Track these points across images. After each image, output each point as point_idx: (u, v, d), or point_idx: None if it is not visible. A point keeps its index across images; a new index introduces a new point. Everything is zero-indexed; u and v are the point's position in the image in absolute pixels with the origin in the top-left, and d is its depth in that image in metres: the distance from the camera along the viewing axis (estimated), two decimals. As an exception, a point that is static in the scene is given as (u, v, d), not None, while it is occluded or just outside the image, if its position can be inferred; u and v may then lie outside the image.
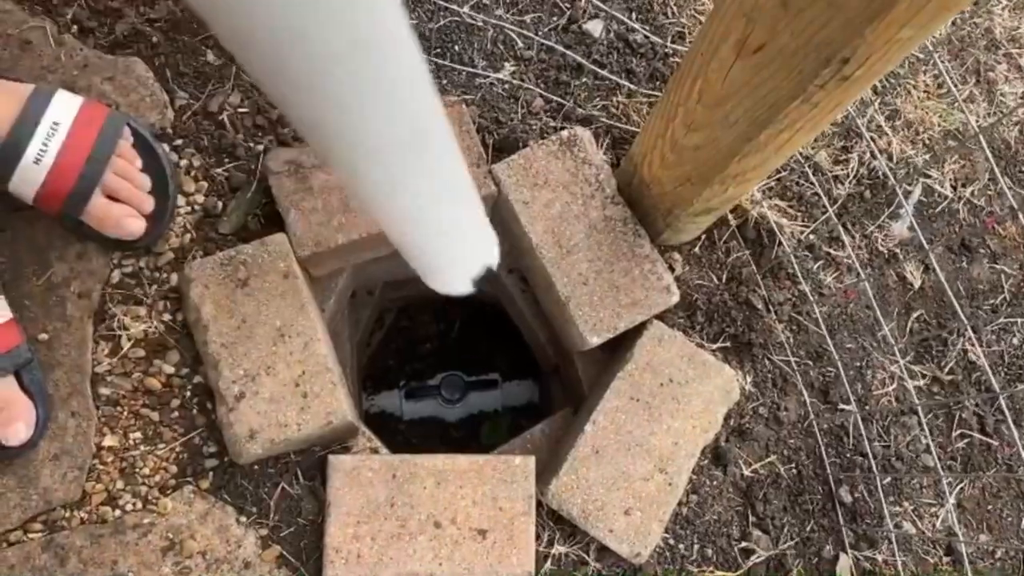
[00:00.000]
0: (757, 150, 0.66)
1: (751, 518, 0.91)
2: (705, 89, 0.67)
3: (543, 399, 1.44)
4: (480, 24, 1.02)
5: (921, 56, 1.08)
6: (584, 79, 1.01)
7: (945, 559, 0.94)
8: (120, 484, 0.83)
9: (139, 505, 0.83)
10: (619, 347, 0.94)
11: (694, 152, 0.75)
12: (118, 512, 0.83)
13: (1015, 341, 1.02)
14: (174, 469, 0.84)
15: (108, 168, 0.81)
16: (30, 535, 0.81)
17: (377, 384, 1.45)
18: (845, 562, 0.92)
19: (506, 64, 1.01)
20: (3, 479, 0.81)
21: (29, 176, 0.78)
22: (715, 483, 0.92)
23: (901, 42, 0.49)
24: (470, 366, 1.48)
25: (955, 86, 1.08)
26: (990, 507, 0.97)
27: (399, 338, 1.49)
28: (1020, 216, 1.04)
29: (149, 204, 0.85)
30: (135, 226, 0.83)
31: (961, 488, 0.96)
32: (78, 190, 0.80)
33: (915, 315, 1.00)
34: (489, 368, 1.48)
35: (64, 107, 0.80)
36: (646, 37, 1.04)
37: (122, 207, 0.83)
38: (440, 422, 1.46)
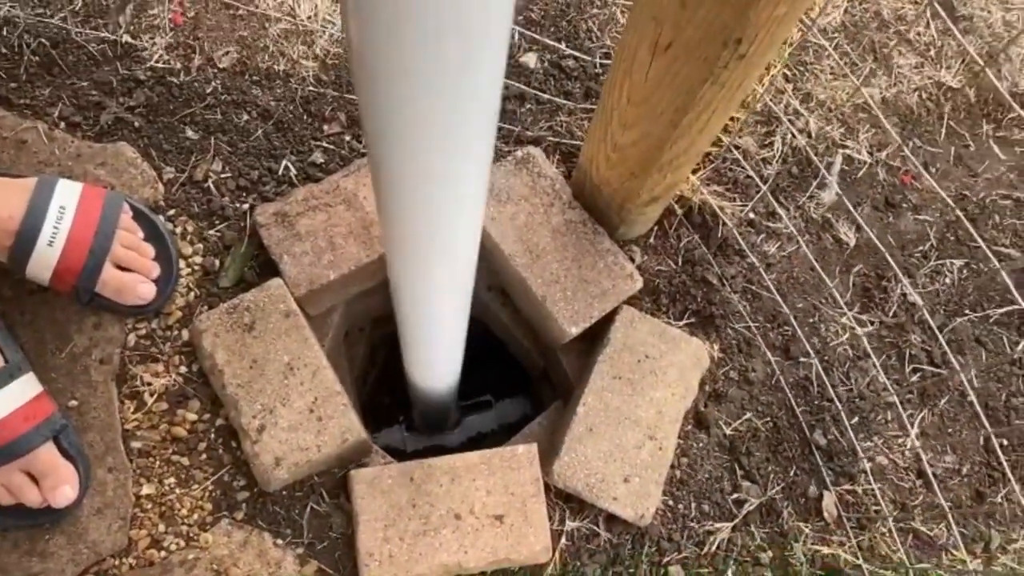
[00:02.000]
0: (683, 135, 0.77)
1: (739, 471, 1.00)
2: (632, 90, 0.78)
3: (535, 410, 1.52)
4: (427, 70, 1.12)
5: (822, 43, 1.21)
6: (528, 105, 1.13)
7: (918, 482, 1.03)
8: (162, 527, 0.90)
9: (182, 544, 0.90)
10: (596, 336, 1.04)
11: (632, 148, 0.85)
12: (163, 553, 0.89)
13: (947, 281, 1.13)
14: (209, 506, 0.92)
15: (115, 241, 0.90)
16: (85, 587, 0.87)
17: (378, 422, 1.52)
18: (830, 498, 1.01)
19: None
20: (54, 538, 0.88)
21: (44, 258, 0.87)
22: (701, 445, 1.01)
23: (779, 18, 0.60)
24: (463, 391, 1.56)
25: (855, 65, 1.20)
26: (950, 430, 1.07)
27: (393, 375, 1.56)
28: (931, 169, 1.16)
29: (155, 270, 0.94)
30: (147, 291, 0.92)
31: (922, 417, 1.06)
32: (90, 264, 0.88)
33: (855, 270, 1.11)
34: (482, 391, 1.56)
35: (67, 193, 0.89)
36: (576, 61, 1.15)
37: (133, 275, 0.91)
38: (443, 449, 1.53)
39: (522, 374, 1.53)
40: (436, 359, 0.91)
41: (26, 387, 0.87)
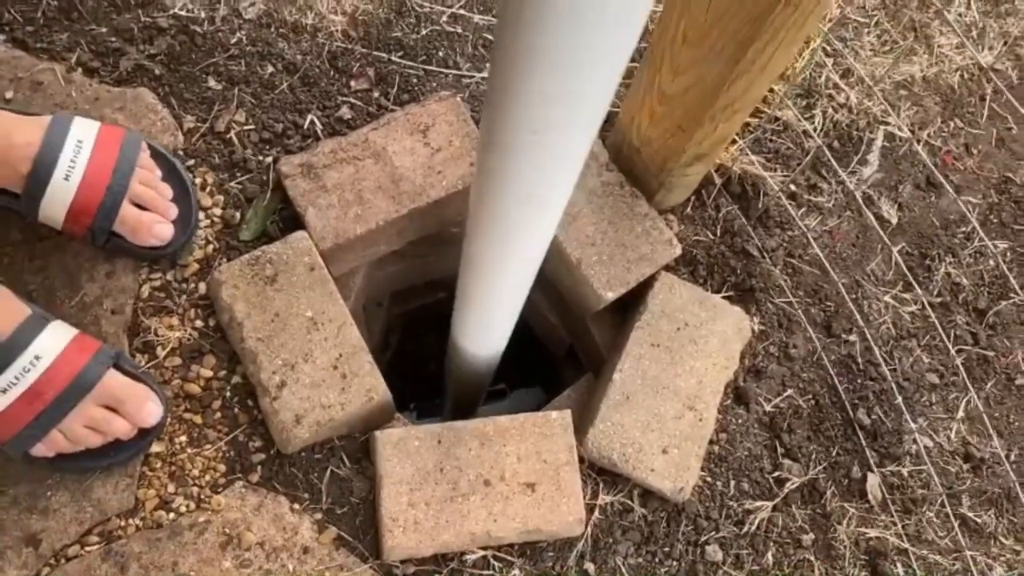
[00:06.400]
0: (744, 73, 0.73)
1: (779, 449, 0.96)
2: (689, 26, 0.74)
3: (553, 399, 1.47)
4: (460, 32, 1.09)
5: (863, 20, 1.18)
6: (561, 70, 1.09)
7: (965, 466, 0.99)
8: (171, 488, 0.85)
9: (192, 506, 0.84)
10: (630, 305, 0.99)
11: (683, 96, 0.81)
12: (172, 515, 0.84)
13: (991, 263, 1.09)
14: (223, 468, 0.86)
15: (133, 178, 0.85)
16: (87, 548, 0.82)
17: (388, 408, 1.46)
18: (874, 480, 0.96)
19: (488, 64, 1.08)
20: (56, 495, 0.83)
21: (60, 193, 0.82)
22: (741, 421, 0.96)
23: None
24: (477, 379, 1.51)
25: (895, 42, 1.17)
26: (996, 414, 1.02)
27: (405, 361, 1.52)
28: (973, 151, 1.12)
29: (174, 210, 0.89)
30: (165, 231, 0.87)
31: (968, 400, 1.02)
32: (108, 201, 0.84)
33: (897, 248, 1.07)
34: (496, 379, 1.51)
35: (85, 128, 0.85)
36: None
37: (151, 214, 0.86)
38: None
39: (538, 363, 1.48)
40: (496, 319, 0.86)
41: (64, 327, 0.81)
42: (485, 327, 0.89)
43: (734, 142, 1.05)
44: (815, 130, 1.09)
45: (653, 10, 1.10)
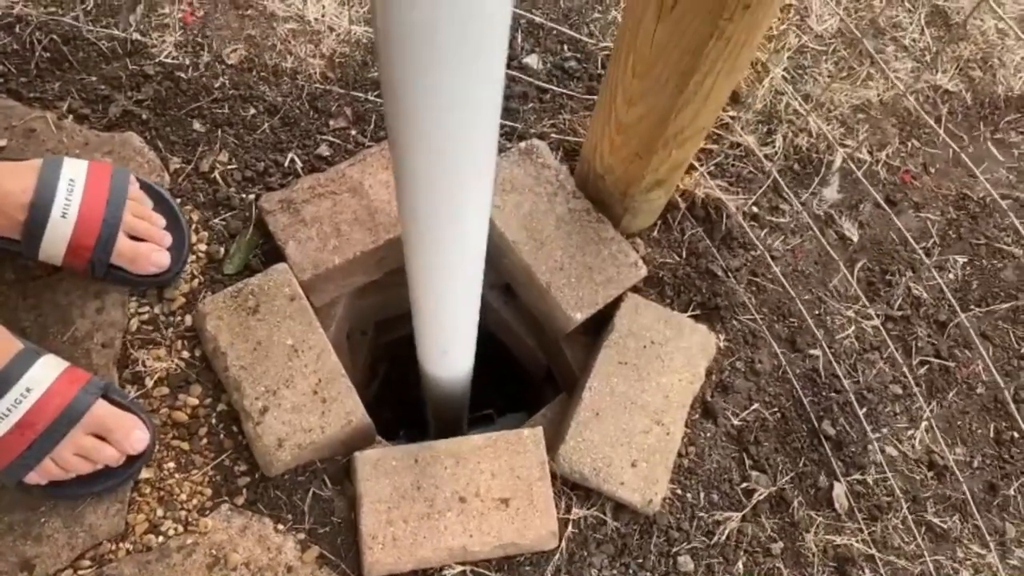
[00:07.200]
0: (689, 102, 0.78)
1: (747, 461, 0.99)
2: (637, 61, 0.79)
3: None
4: (432, 70, 1.14)
5: (820, 48, 1.23)
6: (531, 104, 1.14)
7: (929, 473, 1.02)
8: (160, 512, 0.88)
9: (180, 529, 0.88)
10: (600, 328, 1.03)
11: (637, 125, 0.86)
12: (161, 538, 0.87)
13: (951, 276, 1.14)
14: (209, 491, 0.90)
15: (125, 211, 0.90)
16: (80, 572, 0.85)
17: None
18: (840, 489, 0.99)
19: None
20: (50, 521, 0.86)
21: (59, 231, 0.87)
22: (709, 435, 0.99)
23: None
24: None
25: (852, 68, 1.22)
26: (959, 423, 1.06)
27: (394, 388, 1.56)
28: (931, 170, 1.17)
29: (168, 238, 0.94)
30: (163, 258, 0.92)
31: (930, 410, 1.05)
32: (104, 233, 0.88)
33: (859, 265, 1.11)
34: (484, 404, 1.55)
35: (75, 167, 0.90)
36: (578, 62, 1.17)
37: (147, 244, 0.91)
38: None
39: (523, 388, 1.52)
40: (449, 340, 0.90)
41: (55, 360, 0.85)
42: (440, 351, 0.92)
43: (693, 168, 1.10)
44: (775, 154, 1.14)
45: (608, 46, 1.16)
